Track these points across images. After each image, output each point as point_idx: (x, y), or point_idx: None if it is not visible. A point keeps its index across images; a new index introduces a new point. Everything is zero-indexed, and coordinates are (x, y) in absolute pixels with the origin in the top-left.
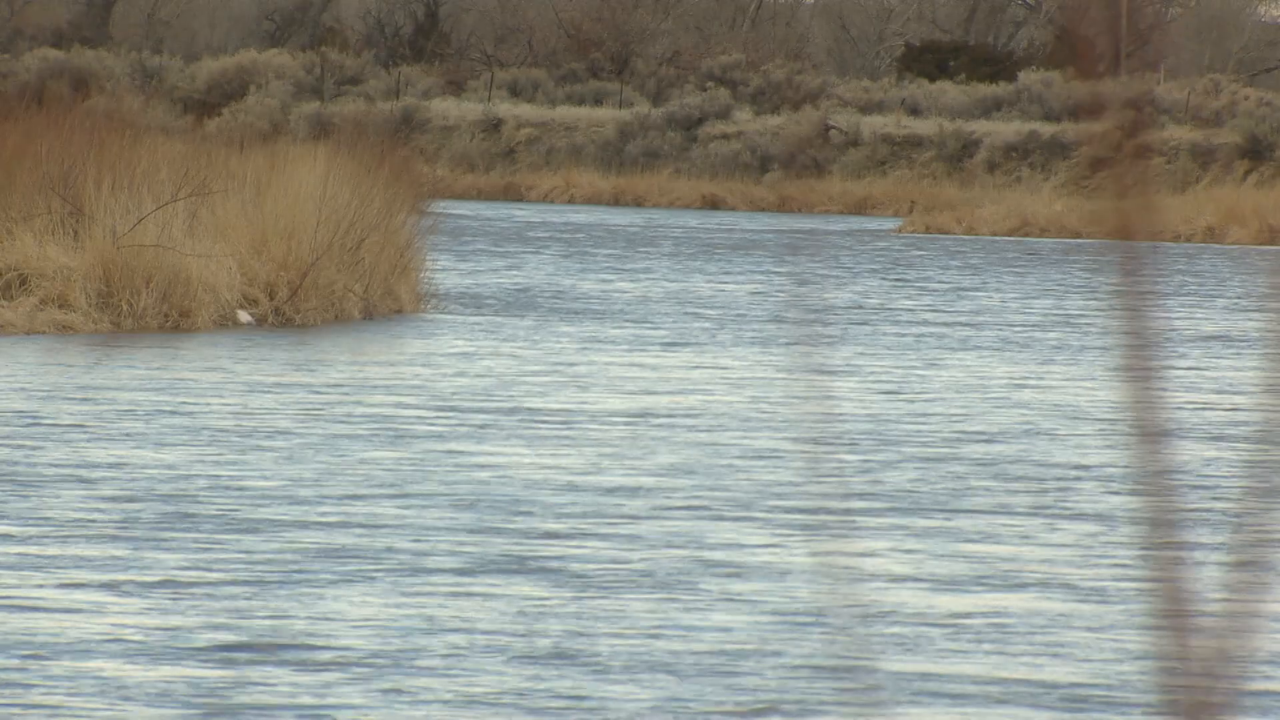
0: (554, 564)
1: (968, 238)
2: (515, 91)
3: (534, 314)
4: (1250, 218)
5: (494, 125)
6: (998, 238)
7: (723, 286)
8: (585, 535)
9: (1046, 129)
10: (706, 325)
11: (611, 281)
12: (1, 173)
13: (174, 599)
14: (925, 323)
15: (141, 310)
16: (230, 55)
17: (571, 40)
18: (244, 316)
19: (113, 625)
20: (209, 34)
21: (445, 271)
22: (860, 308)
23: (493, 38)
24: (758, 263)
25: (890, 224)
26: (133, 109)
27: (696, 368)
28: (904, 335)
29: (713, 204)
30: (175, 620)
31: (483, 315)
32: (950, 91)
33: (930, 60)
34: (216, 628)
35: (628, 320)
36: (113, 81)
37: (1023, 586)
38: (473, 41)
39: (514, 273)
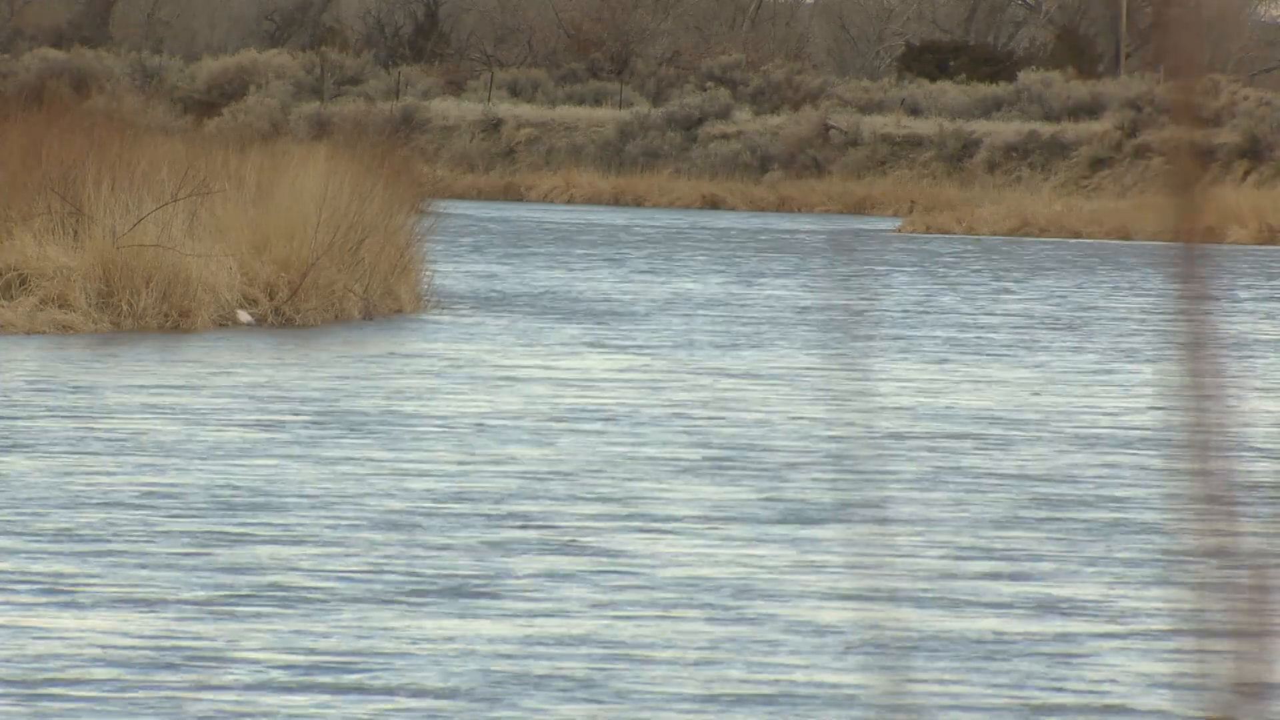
0: (533, 583)
1: (969, 237)
2: (515, 91)
3: (533, 315)
4: (1250, 218)
5: (494, 125)
6: (998, 237)
7: (737, 290)
8: (559, 550)
9: (1046, 129)
10: (714, 328)
11: (617, 282)
12: (1, 173)
13: (168, 613)
14: (963, 326)
15: (141, 310)
16: (230, 55)
17: (571, 40)
18: (244, 316)
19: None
20: (209, 34)
21: (445, 272)
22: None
23: (493, 38)
24: (786, 265)
25: (890, 224)
26: (133, 109)
27: (692, 370)
28: (937, 339)
29: (713, 204)
30: (155, 634)
31: (483, 316)
32: (950, 91)
33: (930, 60)
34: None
35: (631, 322)
36: (113, 81)
37: (1037, 607)
38: (473, 41)
39: (514, 273)
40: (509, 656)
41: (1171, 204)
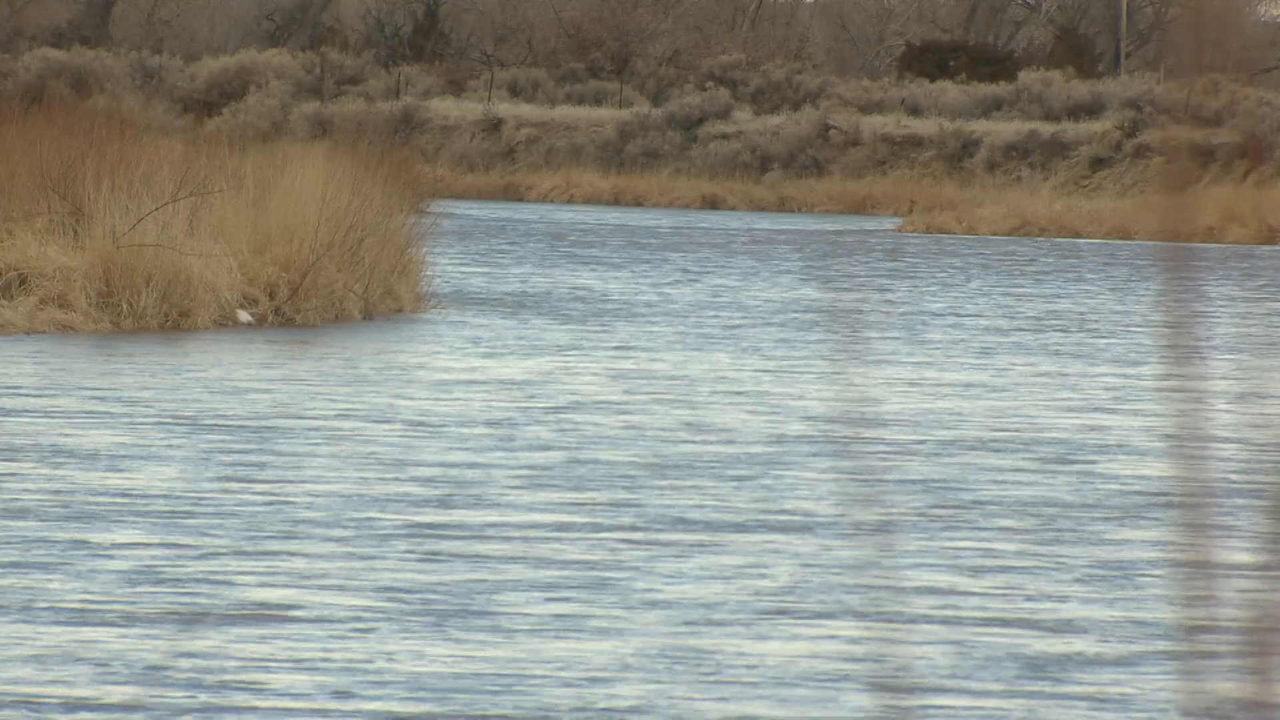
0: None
1: (970, 237)
2: (515, 91)
3: (533, 315)
4: (1250, 217)
5: (494, 125)
6: (998, 237)
7: (736, 291)
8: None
9: (1046, 129)
10: (708, 330)
11: (619, 283)
12: (2, 173)
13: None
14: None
15: (141, 310)
16: (230, 55)
17: (571, 40)
18: (244, 316)
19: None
20: (209, 34)
21: (445, 271)
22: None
23: (493, 38)
24: (778, 266)
25: (890, 224)
26: (133, 109)
27: (688, 372)
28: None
29: (713, 204)
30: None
31: (483, 316)
32: (950, 91)
33: (930, 60)
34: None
35: (632, 323)
36: (113, 81)
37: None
38: (473, 41)
39: (514, 273)
40: (485, 674)
41: (1167, 204)
